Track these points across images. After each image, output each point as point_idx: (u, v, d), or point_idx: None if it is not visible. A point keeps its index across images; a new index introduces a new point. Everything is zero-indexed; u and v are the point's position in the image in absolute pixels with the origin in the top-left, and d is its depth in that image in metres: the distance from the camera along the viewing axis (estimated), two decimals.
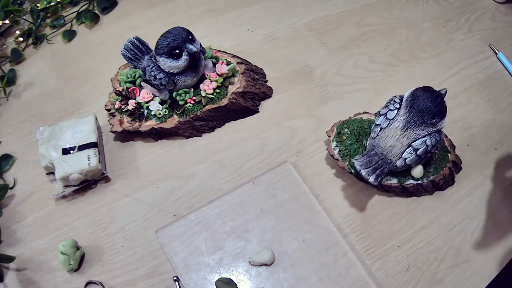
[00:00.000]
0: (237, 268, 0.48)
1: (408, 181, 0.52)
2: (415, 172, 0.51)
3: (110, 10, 0.72)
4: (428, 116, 0.47)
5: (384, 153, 0.50)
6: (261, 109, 0.61)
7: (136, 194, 0.54)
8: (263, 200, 0.52)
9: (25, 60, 0.67)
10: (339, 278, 0.48)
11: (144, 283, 0.48)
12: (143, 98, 0.56)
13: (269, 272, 0.48)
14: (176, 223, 0.51)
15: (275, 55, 0.66)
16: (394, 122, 0.49)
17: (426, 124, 0.48)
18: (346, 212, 0.53)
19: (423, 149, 0.48)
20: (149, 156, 0.57)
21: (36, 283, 0.48)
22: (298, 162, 0.56)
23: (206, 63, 0.57)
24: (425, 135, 0.48)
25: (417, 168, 0.51)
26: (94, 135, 0.54)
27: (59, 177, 0.51)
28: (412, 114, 0.48)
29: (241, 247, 0.49)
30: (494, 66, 0.67)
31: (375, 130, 0.51)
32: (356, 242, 0.51)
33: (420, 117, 0.47)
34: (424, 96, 0.47)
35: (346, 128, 0.56)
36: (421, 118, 0.47)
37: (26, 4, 0.71)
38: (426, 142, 0.48)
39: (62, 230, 0.52)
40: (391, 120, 0.49)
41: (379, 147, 0.50)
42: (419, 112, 0.47)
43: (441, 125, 0.48)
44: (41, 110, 0.61)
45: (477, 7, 0.74)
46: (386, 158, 0.50)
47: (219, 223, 0.51)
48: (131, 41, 0.56)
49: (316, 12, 0.72)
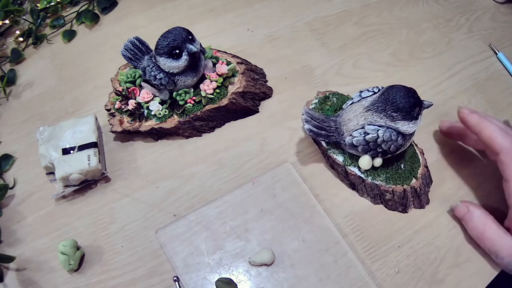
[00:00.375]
0: (237, 268, 0.48)
1: (353, 167, 0.52)
2: (361, 162, 0.51)
3: (110, 10, 0.72)
4: (391, 106, 0.47)
5: (341, 124, 0.50)
6: (261, 109, 0.61)
7: (136, 194, 0.54)
8: (263, 200, 0.52)
9: (25, 60, 0.67)
10: (339, 278, 0.48)
11: (144, 283, 0.48)
12: (143, 98, 0.56)
13: (269, 272, 0.48)
14: (176, 223, 0.51)
15: (275, 55, 0.66)
16: (363, 100, 0.50)
17: (386, 113, 0.47)
18: (346, 212, 0.53)
19: (373, 137, 0.48)
20: (149, 156, 0.57)
21: (36, 283, 0.48)
22: (298, 162, 0.56)
23: (206, 63, 0.57)
24: (381, 125, 0.48)
25: (364, 157, 0.50)
26: (94, 135, 0.54)
27: (59, 177, 0.51)
28: (380, 99, 0.48)
29: (241, 247, 0.49)
30: (494, 66, 0.67)
31: (347, 102, 0.52)
32: (356, 242, 0.51)
33: (384, 104, 0.47)
34: (400, 90, 0.47)
35: (336, 98, 0.57)
36: (384, 106, 0.47)
37: (26, 4, 0.71)
38: (379, 132, 0.47)
39: (62, 230, 0.52)
40: (362, 98, 0.50)
41: (341, 118, 0.51)
42: (386, 100, 0.47)
43: (401, 125, 0.47)
44: (41, 110, 0.61)
45: (477, 7, 0.74)
46: (340, 129, 0.50)
47: (219, 223, 0.51)
48: (131, 41, 0.56)
49: (316, 12, 0.72)
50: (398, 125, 0.47)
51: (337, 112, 0.54)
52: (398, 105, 0.46)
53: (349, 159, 0.52)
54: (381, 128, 0.48)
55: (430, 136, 0.59)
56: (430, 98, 0.62)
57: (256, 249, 0.49)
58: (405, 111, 0.47)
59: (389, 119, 0.47)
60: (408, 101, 0.46)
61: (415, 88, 0.48)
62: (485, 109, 0.62)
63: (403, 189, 0.51)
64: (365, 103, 0.49)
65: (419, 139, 0.58)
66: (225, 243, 0.49)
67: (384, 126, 0.48)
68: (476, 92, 0.64)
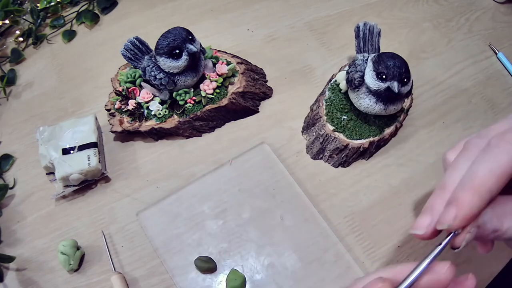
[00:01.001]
0: (216, 248, 0.49)
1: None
2: (338, 77, 0.58)
3: (110, 10, 0.72)
4: (374, 35, 0.56)
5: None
6: (261, 109, 0.61)
7: (136, 194, 0.54)
8: (240, 181, 0.53)
9: (25, 60, 0.67)
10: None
11: (144, 283, 0.48)
12: (143, 98, 0.56)
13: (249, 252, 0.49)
14: (157, 205, 0.52)
15: (275, 55, 0.66)
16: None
17: (371, 42, 0.56)
18: (346, 212, 0.53)
19: (350, 64, 0.54)
20: (149, 156, 0.57)
21: (36, 283, 0.48)
22: (298, 162, 0.56)
23: (206, 63, 0.57)
24: (363, 56, 0.54)
25: (340, 73, 0.58)
26: (94, 135, 0.54)
27: (59, 177, 0.51)
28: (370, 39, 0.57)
29: (220, 227, 0.50)
30: (494, 66, 0.67)
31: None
32: (356, 242, 0.51)
33: (370, 36, 0.56)
34: (389, 55, 0.50)
35: None
36: (371, 38, 0.56)
37: (26, 4, 0.71)
38: (356, 60, 0.53)
39: (62, 230, 0.52)
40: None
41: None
42: (372, 35, 0.57)
43: (369, 77, 0.50)
44: (41, 110, 0.61)
45: (477, 7, 0.74)
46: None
47: (198, 204, 0.52)
48: (131, 41, 0.56)
49: (316, 12, 0.72)
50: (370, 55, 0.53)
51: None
52: (384, 65, 0.49)
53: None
54: (363, 59, 0.53)
55: (431, 136, 0.59)
56: (430, 98, 0.62)
57: (234, 229, 0.50)
58: (387, 73, 0.49)
59: (371, 46, 0.56)
60: (394, 56, 0.50)
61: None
62: (485, 109, 0.62)
63: (372, 141, 0.54)
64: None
65: (420, 138, 0.58)
66: (204, 224, 0.51)
67: (365, 62, 0.52)
68: (476, 92, 0.64)
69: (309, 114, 0.59)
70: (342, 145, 0.54)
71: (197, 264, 0.47)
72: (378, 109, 0.51)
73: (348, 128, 0.55)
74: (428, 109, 0.61)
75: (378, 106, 0.51)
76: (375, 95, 0.51)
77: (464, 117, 0.61)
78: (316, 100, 0.60)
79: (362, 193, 0.54)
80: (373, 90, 0.50)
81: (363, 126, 0.55)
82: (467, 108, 0.62)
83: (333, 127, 0.55)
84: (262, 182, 0.53)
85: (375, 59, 0.50)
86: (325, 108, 0.57)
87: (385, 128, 0.56)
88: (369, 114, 0.54)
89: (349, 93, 0.55)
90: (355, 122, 0.55)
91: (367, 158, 0.57)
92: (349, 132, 0.55)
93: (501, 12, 0.74)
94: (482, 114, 0.62)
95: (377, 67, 0.49)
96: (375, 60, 0.50)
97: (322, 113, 0.56)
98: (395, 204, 0.54)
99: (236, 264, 0.48)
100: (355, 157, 0.56)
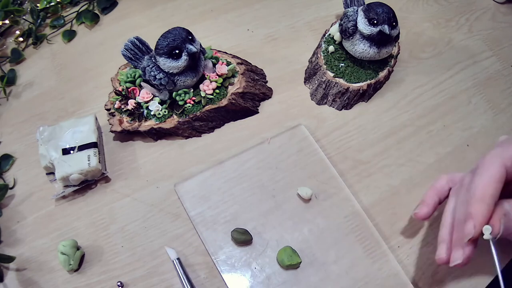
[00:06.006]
0: (252, 222, 0.51)
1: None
2: (332, 29, 0.62)
3: (110, 10, 0.72)
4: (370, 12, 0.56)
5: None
6: (261, 110, 0.61)
7: (136, 194, 0.54)
8: (277, 159, 0.55)
9: (25, 60, 0.67)
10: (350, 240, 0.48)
11: (144, 283, 0.48)
12: (143, 98, 0.56)
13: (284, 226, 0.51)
14: (194, 179, 0.53)
15: (275, 55, 0.66)
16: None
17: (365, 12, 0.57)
18: (346, 212, 0.53)
19: (342, 17, 0.59)
20: (149, 156, 0.57)
21: (36, 283, 0.48)
22: (298, 162, 0.56)
23: (206, 64, 0.57)
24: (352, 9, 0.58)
25: (333, 26, 0.62)
26: (94, 135, 0.54)
27: (59, 177, 0.51)
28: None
29: (256, 202, 0.52)
30: (494, 66, 0.67)
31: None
32: (356, 242, 0.51)
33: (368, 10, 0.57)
34: (377, 3, 0.56)
35: None
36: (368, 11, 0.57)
37: (26, 4, 0.71)
38: (348, 12, 0.58)
39: (62, 230, 0.52)
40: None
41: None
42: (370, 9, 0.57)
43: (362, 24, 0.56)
44: (41, 110, 0.61)
45: (477, 7, 0.74)
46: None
47: (236, 178, 0.54)
48: (131, 41, 0.56)
49: (316, 12, 0.72)
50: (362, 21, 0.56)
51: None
52: (374, 11, 0.55)
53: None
54: (353, 10, 0.58)
55: (431, 136, 0.59)
56: (430, 98, 0.62)
57: (272, 204, 0.52)
58: (375, 18, 0.55)
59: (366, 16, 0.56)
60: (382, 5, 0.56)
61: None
62: (485, 109, 0.62)
63: (367, 84, 0.59)
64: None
65: (420, 138, 0.58)
66: (241, 198, 0.52)
67: (356, 13, 0.57)
68: (476, 92, 0.64)
69: (309, 66, 0.64)
70: (344, 88, 0.59)
71: (234, 236, 0.49)
72: (372, 53, 0.57)
73: (346, 74, 0.60)
74: (428, 109, 0.61)
75: (372, 49, 0.57)
76: (369, 39, 0.56)
77: (464, 117, 0.61)
78: (314, 53, 0.65)
79: (362, 193, 0.54)
80: (366, 35, 0.56)
81: (359, 71, 0.60)
82: (467, 108, 0.62)
83: (333, 73, 0.60)
84: (298, 163, 0.55)
85: (365, 8, 0.56)
86: (323, 58, 0.62)
87: (379, 71, 0.61)
88: (364, 60, 0.60)
89: (343, 43, 0.60)
90: (352, 68, 0.60)
91: (367, 100, 0.62)
92: (348, 77, 0.60)
93: (501, 12, 0.74)
94: (482, 114, 0.62)
95: (368, 14, 0.55)
96: (365, 9, 0.56)
97: (321, 62, 0.61)
98: (395, 204, 0.54)
99: (270, 239, 0.50)
100: (356, 99, 0.61)
